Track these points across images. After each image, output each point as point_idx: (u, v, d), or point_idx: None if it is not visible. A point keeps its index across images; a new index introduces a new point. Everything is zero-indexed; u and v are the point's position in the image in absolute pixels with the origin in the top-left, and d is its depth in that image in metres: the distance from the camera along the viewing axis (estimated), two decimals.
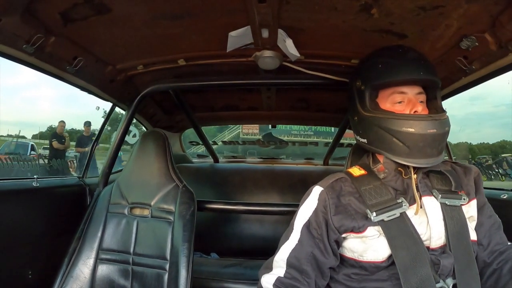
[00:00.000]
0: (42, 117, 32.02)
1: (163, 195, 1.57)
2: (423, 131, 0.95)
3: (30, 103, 40.08)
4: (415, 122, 0.96)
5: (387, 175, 1.04)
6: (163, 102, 2.30)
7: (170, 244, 1.46)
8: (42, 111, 35.10)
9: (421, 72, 1.00)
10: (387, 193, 1.00)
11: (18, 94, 40.71)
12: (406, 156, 0.97)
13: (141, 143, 1.67)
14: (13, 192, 1.47)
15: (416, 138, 0.95)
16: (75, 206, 1.74)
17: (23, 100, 36.52)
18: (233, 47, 1.36)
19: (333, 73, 1.56)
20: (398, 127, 0.96)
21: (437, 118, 0.98)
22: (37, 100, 45.01)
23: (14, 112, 28.19)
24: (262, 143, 3.24)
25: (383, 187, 1.01)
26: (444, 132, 0.98)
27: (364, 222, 0.97)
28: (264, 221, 2.54)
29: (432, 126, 0.96)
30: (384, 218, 0.96)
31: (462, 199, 1.00)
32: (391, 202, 0.98)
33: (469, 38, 1.16)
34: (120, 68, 1.60)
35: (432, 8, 1.05)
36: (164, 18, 1.19)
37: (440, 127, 0.97)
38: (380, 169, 1.06)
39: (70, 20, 1.16)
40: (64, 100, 38.13)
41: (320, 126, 2.89)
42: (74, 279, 1.45)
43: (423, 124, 0.96)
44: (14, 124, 29.36)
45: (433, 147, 0.97)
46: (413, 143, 0.96)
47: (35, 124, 43.37)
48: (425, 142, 0.96)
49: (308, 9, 1.11)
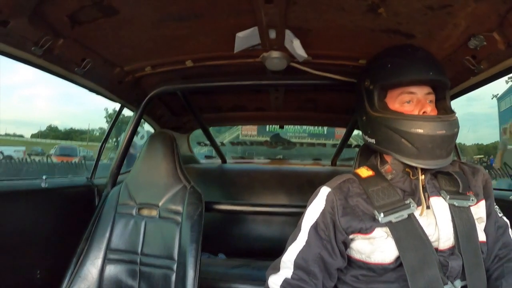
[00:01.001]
0: (40, 116, 32.44)
1: (171, 196, 1.57)
2: (432, 132, 0.94)
3: (26, 101, 40.65)
4: (424, 123, 0.95)
5: (395, 176, 1.03)
6: (171, 103, 2.31)
7: (178, 245, 1.47)
8: (40, 109, 35.54)
9: (431, 72, 0.99)
10: (394, 194, 0.99)
11: (14, 93, 41.16)
12: (415, 158, 0.96)
13: (149, 144, 1.68)
14: (22, 192, 1.48)
15: (425, 139, 0.94)
16: (83, 207, 1.75)
17: (20, 98, 37.05)
18: (241, 48, 1.36)
19: (341, 74, 1.55)
20: (407, 128, 0.96)
21: (446, 120, 0.97)
22: (34, 98, 45.60)
23: (10, 110, 28.59)
24: (270, 144, 3.24)
25: (391, 188, 1.00)
26: (453, 134, 0.97)
27: (372, 223, 0.97)
28: (271, 222, 2.54)
29: (441, 127, 0.95)
30: (392, 219, 0.95)
31: (471, 200, 0.99)
32: (399, 203, 0.97)
33: (477, 38, 1.15)
34: (128, 70, 1.61)
35: (439, 7, 1.04)
36: (171, 19, 1.20)
37: (449, 128, 0.96)
38: (388, 170, 1.05)
39: (78, 22, 1.17)
40: (59, 98, 38.47)
41: (328, 126, 2.87)
42: (82, 279, 1.46)
43: (432, 125, 0.95)
44: (11, 122, 29.68)
45: (442, 148, 0.96)
46: (422, 145, 0.95)
47: (32, 123, 43.76)
48: (434, 144, 0.95)
49: (315, 9, 1.11)
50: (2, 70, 27.77)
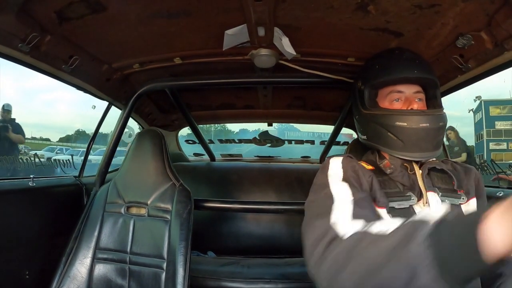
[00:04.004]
0: (64, 120, 31.40)
1: (159, 194, 1.57)
2: (415, 125, 0.98)
3: (50, 106, 39.39)
4: (408, 117, 0.99)
5: (394, 171, 1.04)
6: (159, 100, 2.30)
7: (167, 243, 1.46)
8: (64, 113, 34.32)
9: (415, 71, 1.02)
10: (395, 187, 1.01)
11: (37, 97, 39.63)
12: (401, 150, 1.00)
13: (137, 142, 1.67)
14: (9, 192, 1.46)
15: (409, 132, 0.98)
16: (71, 206, 1.73)
17: (43, 102, 35.76)
18: (229, 46, 1.36)
19: (330, 72, 1.56)
20: (392, 122, 1.00)
21: (430, 114, 1.00)
22: (57, 102, 44.21)
23: (35, 114, 27.87)
24: (258, 141, 3.24)
25: (391, 181, 1.02)
26: (438, 127, 1.00)
27: (383, 200, 0.96)
28: (261, 220, 2.54)
29: (425, 120, 0.98)
30: (395, 205, 0.96)
31: (461, 198, 1.00)
32: (401, 194, 0.99)
33: (465, 37, 1.17)
34: (116, 67, 1.60)
35: (428, 6, 1.06)
36: (160, 16, 1.19)
37: (433, 121, 0.99)
38: (386, 165, 1.06)
39: (66, 19, 1.16)
40: (83, 102, 37.24)
41: (317, 124, 2.88)
42: (71, 278, 1.45)
43: (415, 119, 0.99)
44: (34, 126, 29.02)
45: (427, 141, 0.99)
46: (407, 137, 0.99)
47: (58, 127, 42.72)
48: (418, 136, 0.98)
49: (305, 7, 1.12)
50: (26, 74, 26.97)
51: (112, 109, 1.93)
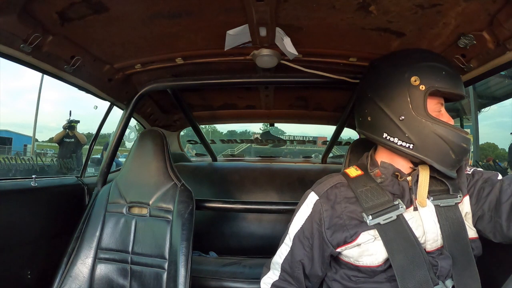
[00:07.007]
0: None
1: (161, 194, 1.57)
2: (469, 147, 0.99)
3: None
4: (466, 139, 0.97)
5: (384, 180, 1.03)
6: (161, 101, 2.30)
7: (169, 243, 1.46)
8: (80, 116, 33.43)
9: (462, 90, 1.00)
10: (383, 195, 0.99)
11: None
12: (449, 167, 0.97)
13: (139, 142, 1.67)
14: (12, 192, 1.46)
15: (465, 153, 0.98)
16: (73, 206, 1.74)
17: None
18: (231, 46, 1.36)
19: (331, 72, 1.56)
20: (457, 140, 0.95)
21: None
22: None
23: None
24: (260, 141, 3.24)
25: (379, 189, 1.01)
26: None
27: (356, 229, 0.98)
28: (262, 220, 2.54)
29: (469, 144, 1.00)
30: (380, 221, 0.96)
31: (458, 197, 1.00)
32: (388, 204, 0.98)
33: (467, 37, 1.17)
34: (118, 67, 1.60)
35: (430, 6, 1.05)
36: (162, 16, 1.19)
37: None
38: (377, 174, 1.04)
39: (68, 20, 1.16)
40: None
41: (319, 124, 2.88)
42: (73, 278, 1.45)
43: (468, 142, 0.98)
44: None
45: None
46: (459, 157, 0.97)
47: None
48: (463, 157, 0.99)
49: (306, 7, 1.11)
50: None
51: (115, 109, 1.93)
